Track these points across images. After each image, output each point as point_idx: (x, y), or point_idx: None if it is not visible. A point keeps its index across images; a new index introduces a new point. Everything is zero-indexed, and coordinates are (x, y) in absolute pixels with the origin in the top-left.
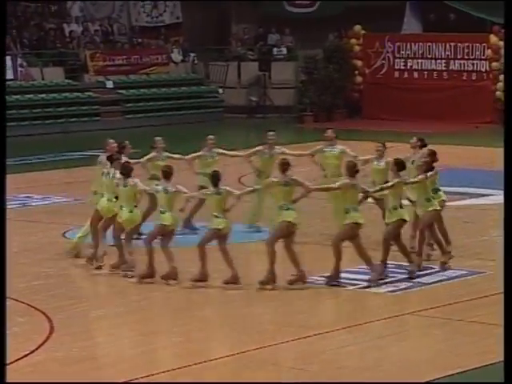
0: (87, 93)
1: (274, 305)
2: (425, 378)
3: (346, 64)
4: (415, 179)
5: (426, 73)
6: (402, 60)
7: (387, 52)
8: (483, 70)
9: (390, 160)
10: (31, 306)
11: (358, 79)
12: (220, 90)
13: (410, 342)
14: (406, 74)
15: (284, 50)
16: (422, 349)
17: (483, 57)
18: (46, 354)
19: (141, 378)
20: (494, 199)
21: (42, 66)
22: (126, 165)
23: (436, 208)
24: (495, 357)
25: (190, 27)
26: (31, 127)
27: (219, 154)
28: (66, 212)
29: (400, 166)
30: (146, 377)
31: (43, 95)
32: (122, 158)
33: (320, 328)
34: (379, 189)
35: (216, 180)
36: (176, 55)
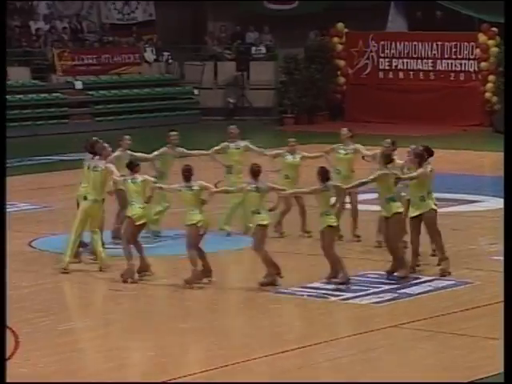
0: (55, 94)
1: (252, 317)
2: None
3: (328, 64)
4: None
5: (411, 73)
6: (387, 60)
7: (371, 51)
8: (471, 70)
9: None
10: None
11: (341, 80)
12: (195, 91)
13: (397, 355)
14: (390, 75)
15: (263, 49)
16: (408, 363)
17: (471, 56)
18: (10, 371)
19: None
20: (483, 206)
21: (7, 66)
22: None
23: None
24: (484, 371)
25: (163, 25)
26: None
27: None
28: (33, 220)
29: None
30: None
31: (8, 96)
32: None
33: (301, 341)
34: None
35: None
36: (149, 54)
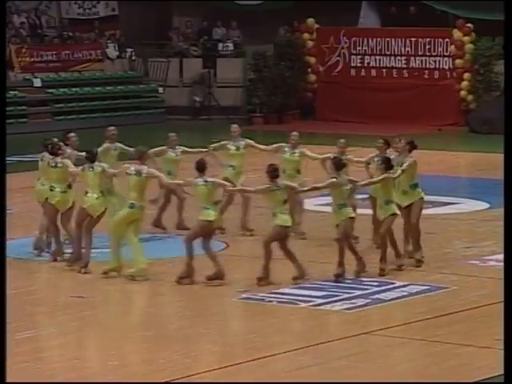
0: (12, 92)
1: (221, 324)
2: None
3: (298, 61)
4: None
5: (384, 70)
6: (359, 56)
7: (343, 48)
8: (446, 67)
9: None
10: None
11: (312, 77)
12: (160, 89)
13: (369, 363)
14: (363, 72)
15: (230, 46)
16: (381, 371)
17: (446, 53)
18: None
19: None
20: (458, 208)
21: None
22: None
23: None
24: (459, 379)
25: (126, 20)
26: None
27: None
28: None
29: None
30: None
31: None
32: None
33: (272, 349)
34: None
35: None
36: (111, 51)
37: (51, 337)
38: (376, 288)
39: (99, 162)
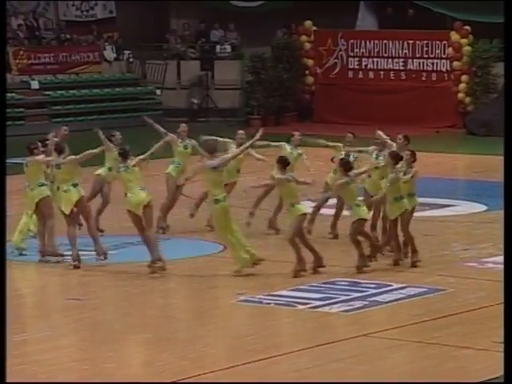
0: (10, 94)
1: (218, 326)
2: None
3: (295, 63)
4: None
5: (382, 73)
6: (357, 59)
7: (340, 50)
8: (444, 69)
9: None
10: None
11: (309, 80)
12: (158, 92)
13: (367, 365)
14: (360, 74)
15: (228, 48)
16: (379, 373)
17: (444, 56)
18: None
19: None
20: (456, 210)
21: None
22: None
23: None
24: (456, 382)
25: (124, 22)
26: None
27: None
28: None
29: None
30: None
31: None
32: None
33: (271, 351)
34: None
35: None
36: (109, 53)
37: (48, 339)
38: (373, 290)
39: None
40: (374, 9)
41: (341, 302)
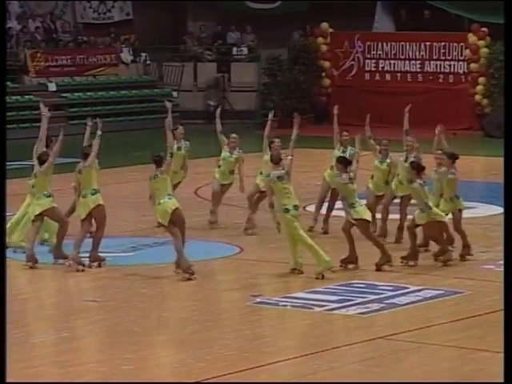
0: (27, 96)
1: (234, 328)
2: None
3: (312, 65)
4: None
5: (399, 75)
6: (373, 61)
7: (357, 52)
8: (461, 71)
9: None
10: None
11: (326, 82)
12: (174, 94)
13: (384, 368)
14: (377, 76)
15: (245, 50)
16: (396, 376)
17: (461, 57)
18: None
19: None
20: (473, 212)
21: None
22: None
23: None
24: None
25: (141, 24)
26: None
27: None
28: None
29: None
30: None
31: None
32: None
33: (286, 353)
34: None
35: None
36: (126, 55)
37: (66, 341)
38: (390, 293)
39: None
40: (390, 11)
41: (357, 304)
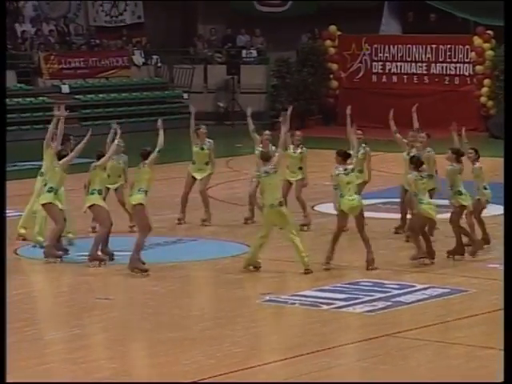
0: (41, 98)
1: (244, 326)
2: None
3: (320, 67)
4: None
5: (405, 77)
6: (380, 63)
7: (364, 55)
8: (467, 73)
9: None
10: None
11: (334, 84)
12: (185, 95)
13: (390, 365)
14: (384, 78)
15: (254, 53)
16: (402, 373)
17: (466, 60)
18: None
19: None
20: None
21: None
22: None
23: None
24: (480, 381)
25: (152, 27)
26: None
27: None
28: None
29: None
30: None
31: None
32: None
33: (293, 351)
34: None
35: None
36: (138, 57)
37: (78, 338)
38: (397, 291)
39: None
40: (397, 14)
41: (364, 302)
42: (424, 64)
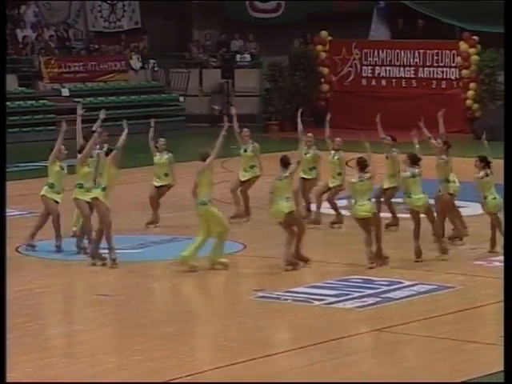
0: (42, 101)
1: (237, 321)
2: None
3: (311, 71)
4: None
5: (394, 80)
6: (370, 67)
7: (354, 59)
8: (453, 77)
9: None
10: None
11: (325, 87)
12: (181, 99)
13: (380, 359)
14: (373, 82)
15: (248, 57)
16: (391, 366)
17: (453, 64)
18: None
19: None
20: (465, 211)
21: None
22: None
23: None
24: (465, 374)
25: (149, 33)
26: None
27: None
28: (20, 226)
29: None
30: None
31: None
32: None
33: (285, 346)
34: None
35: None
36: (135, 62)
37: (78, 333)
38: (386, 287)
39: None
40: (386, 20)
41: (355, 298)
42: (412, 68)
